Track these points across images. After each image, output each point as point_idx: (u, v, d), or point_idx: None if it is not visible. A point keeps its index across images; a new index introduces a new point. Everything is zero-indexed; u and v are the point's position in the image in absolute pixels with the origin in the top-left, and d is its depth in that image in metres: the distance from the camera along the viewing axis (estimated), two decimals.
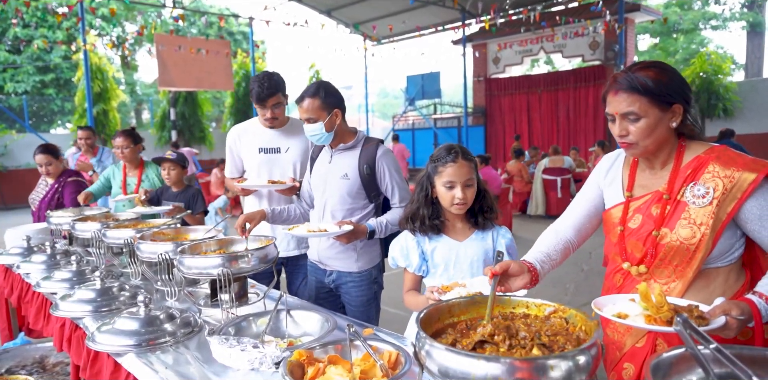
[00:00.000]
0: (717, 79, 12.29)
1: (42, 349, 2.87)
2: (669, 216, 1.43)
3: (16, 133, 13.92)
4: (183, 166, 3.50)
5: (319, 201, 2.41)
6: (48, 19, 18.44)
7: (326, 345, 1.41)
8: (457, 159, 1.79)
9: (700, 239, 1.38)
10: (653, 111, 1.38)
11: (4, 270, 3.00)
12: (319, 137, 2.30)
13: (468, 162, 1.81)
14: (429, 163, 1.86)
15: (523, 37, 14.74)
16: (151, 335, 1.63)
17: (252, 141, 2.82)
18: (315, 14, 15.68)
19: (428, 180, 1.85)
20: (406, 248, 1.89)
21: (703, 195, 1.39)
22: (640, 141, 1.42)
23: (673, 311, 1.19)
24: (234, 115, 17.14)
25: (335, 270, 2.39)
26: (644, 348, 1.50)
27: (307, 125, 2.29)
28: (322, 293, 2.48)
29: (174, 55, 12.39)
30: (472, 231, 1.90)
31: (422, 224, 1.85)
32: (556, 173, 9.28)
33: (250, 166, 2.84)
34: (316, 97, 2.25)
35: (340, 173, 2.33)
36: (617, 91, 1.42)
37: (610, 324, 1.58)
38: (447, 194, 1.80)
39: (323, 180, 2.39)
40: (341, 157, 2.37)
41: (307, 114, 2.26)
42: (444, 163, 1.79)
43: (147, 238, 2.25)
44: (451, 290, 1.57)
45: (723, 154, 1.41)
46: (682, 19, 22.01)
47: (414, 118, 18.30)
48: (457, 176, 1.78)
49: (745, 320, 1.23)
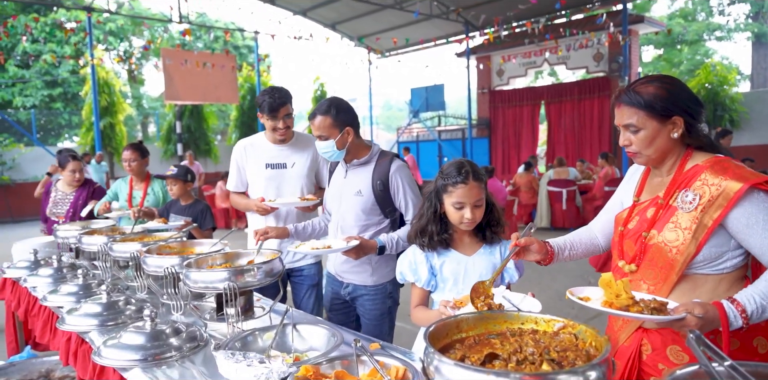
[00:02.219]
0: (722, 90, 12.27)
1: (48, 363, 2.86)
2: (659, 219, 1.52)
3: (24, 147, 14.05)
4: (185, 180, 3.50)
5: (335, 217, 2.42)
6: (56, 34, 18.71)
7: (333, 361, 1.40)
8: (467, 180, 1.77)
9: (681, 242, 1.45)
10: (651, 123, 1.49)
11: (11, 284, 3.00)
12: (331, 154, 2.31)
13: (478, 182, 1.79)
14: (438, 178, 1.84)
15: (526, 49, 14.80)
16: (157, 350, 1.63)
17: (259, 156, 2.82)
18: (320, 28, 15.83)
19: (437, 196, 1.84)
20: (415, 263, 1.88)
21: (690, 201, 1.47)
22: (642, 150, 1.53)
23: (631, 299, 1.30)
24: (239, 127, 17.26)
25: (351, 283, 2.40)
26: (630, 347, 1.58)
27: (318, 142, 2.30)
28: (336, 304, 2.49)
29: (180, 69, 12.51)
30: (479, 246, 1.89)
31: (431, 240, 1.84)
32: (561, 185, 9.25)
33: (255, 181, 2.84)
34: (328, 115, 2.25)
35: (354, 189, 2.33)
36: (620, 104, 1.55)
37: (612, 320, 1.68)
38: (456, 213, 1.79)
39: (338, 196, 2.40)
40: (355, 173, 2.37)
41: (319, 131, 2.26)
42: (454, 184, 1.78)
43: (153, 252, 2.25)
44: (465, 305, 1.55)
45: (717, 164, 1.47)
46: (687, 31, 22.06)
47: (418, 130, 18.34)
48: (466, 197, 1.76)
49: (706, 320, 1.28)
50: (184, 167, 3.57)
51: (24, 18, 16.79)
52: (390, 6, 13.05)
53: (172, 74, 12.48)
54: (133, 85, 23.33)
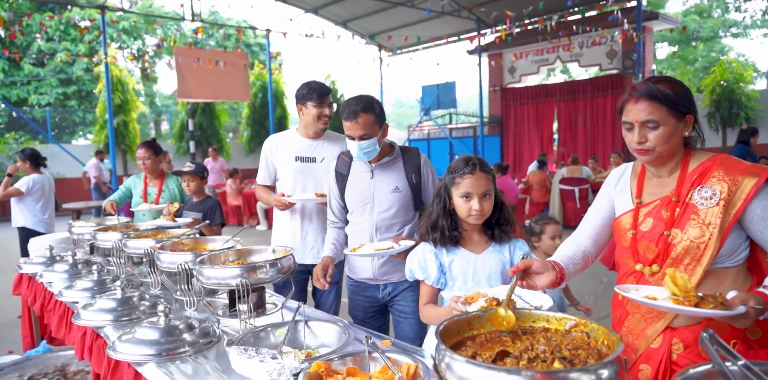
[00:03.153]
0: (738, 87, 12.09)
1: (63, 357, 2.91)
2: (679, 218, 1.51)
3: (39, 144, 14.21)
4: (202, 177, 3.56)
5: (363, 218, 2.35)
6: (71, 32, 18.90)
7: (344, 357, 1.41)
8: (474, 170, 1.79)
9: (708, 238, 1.46)
10: (671, 120, 1.48)
11: (28, 279, 3.05)
12: (371, 153, 2.24)
13: (485, 174, 1.81)
14: (446, 174, 1.87)
15: (539, 47, 14.70)
16: (170, 345, 1.65)
17: (289, 149, 2.84)
18: (331, 26, 15.84)
19: (445, 191, 1.85)
20: (424, 260, 1.88)
21: (710, 197, 1.47)
22: (657, 147, 1.50)
23: (697, 297, 1.27)
24: (251, 125, 17.35)
25: (390, 283, 2.37)
26: (660, 349, 1.54)
27: (359, 142, 2.19)
28: (370, 312, 2.45)
29: (192, 67, 12.58)
30: (489, 244, 1.90)
31: (442, 235, 1.84)
32: (573, 183, 9.19)
33: (285, 174, 2.86)
34: (372, 113, 2.19)
35: (389, 187, 2.29)
36: (638, 99, 1.50)
37: (623, 328, 1.64)
38: (464, 205, 1.79)
39: (368, 196, 2.33)
40: (385, 171, 2.32)
41: (363, 130, 2.17)
42: (461, 175, 1.79)
43: (167, 248, 2.28)
44: (476, 301, 1.55)
45: (726, 161, 1.51)
46: (702, 27, 21.80)
47: (429, 127, 18.30)
48: (474, 187, 1.78)
49: (761, 310, 1.28)
50: (201, 165, 3.61)
51: (39, 17, 16.98)
52: (401, 3, 13.03)
53: (184, 72, 12.55)
54: (146, 82, 23.52)
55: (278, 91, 17.06)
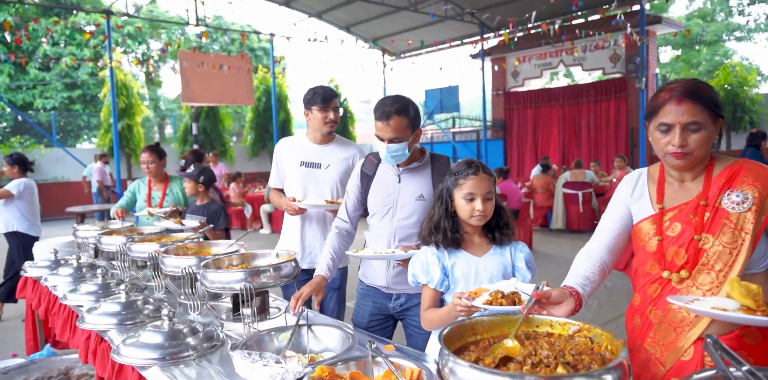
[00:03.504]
0: (742, 91, 12.08)
1: (67, 361, 2.91)
2: (709, 223, 1.47)
3: (45, 148, 14.28)
4: (197, 181, 3.50)
5: (383, 223, 2.26)
6: (76, 37, 19.01)
7: (348, 361, 1.41)
8: (477, 172, 1.80)
9: (741, 243, 1.43)
10: (710, 123, 1.45)
11: (32, 283, 3.06)
12: (400, 158, 2.16)
13: (488, 175, 1.83)
14: (448, 176, 1.88)
15: (542, 51, 14.72)
16: (174, 349, 1.65)
17: (296, 153, 2.84)
18: (335, 30, 15.90)
19: (447, 193, 1.86)
20: (427, 264, 1.88)
21: (741, 202, 1.44)
22: (696, 150, 1.46)
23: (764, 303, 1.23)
24: (254, 129, 17.41)
25: (404, 293, 2.26)
26: (692, 361, 1.48)
27: (388, 145, 2.10)
28: (376, 319, 2.33)
29: (197, 72, 12.64)
30: (490, 247, 1.90)
31: (444, 237, 1.84)
32: (577, 187, 9.18)
33: (289, 177, 2.86)
34: (405, 116, 2.09)
35: (414, 194, 2.21)
36: (681, 99, 1.44)
37: (647, 339, 1.57)
38: (467, 206, 1.80)
39: (391, 201, 2.24)
40: (412, 177, 2.24)
41: (394, 133, 2.07)
42: (465, 176, 1.81)
43: (171, 252, 2.29)
44: (480, 295, 1.51)
45: (751, 165, 1.50)
46: (705, 31, 21.77)
47: (432, 131, 18.32)
48: (477, 188, 1.79)
49: None
50: (200, 166, 3.57)
51: (45, 21, 17.09)
52: (404, 8, 13.07)
53: (188, 76, 12.62)
54: (150, 87, 23.62)
55: (282, 95, 17.13)
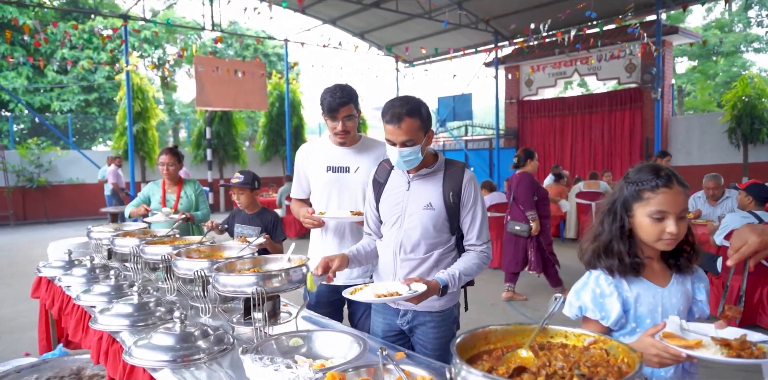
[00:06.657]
0: (760, 102, 11.92)
1: (79, 361, 2.92)
2: None
3: (61, 150, 14.46)
4: (252, 188, 3.24)
5: (391, 233, 2.10)
6: (93, 41, 19.30)
7: (359, 368, 1.40)
8: (671, 184, 1.43)
9: None
10: None
11: (46, 283, 3.09)
12: (413, 162, 2.00)
13: (684, 189, 1.46)
14: (626, 185, 1.51)
15: (556, 60, 14.69)
16: (186, 351, 1.65)
17: (321, 158, 2.58)
18: (349, 37, 16.00)
19: (623, 207, 1.50)
20: (601, 294, 1.50)
21: None
22: None
23: None
24: (267, 134, 17.54)
25: (410, 310, 2.09)
26: None
27: (400, 149, 1.95)
28: (390, 335, 2.16)
29: (211, 76, 12.78)
30: (670, 275, 1.55)
31: (620, 262, 1.48)
32: (590, 197, 9.11)
33: (316, 185, 2.61)
34: (418, 118, 1.94)
35: (423, 202, 2.03)
36: None
37: None
38: (654, 227, 1.44)
39: (399, 210, 2.08)
40: (422, 184, 2.06)
41: (407, 136, 1.92)
42: (653, 188, 1.44)
43: (183, 255, 2.30)
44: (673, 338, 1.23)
45: None
46: (722, 42, 21.60)
47: (445, 139, 18.32)
48: (671, 205, 1.43)
49: None
50: (251, 173, 3.27)
51: (63, 25, 17.39)
52: (419, 15, 13.12)
53: (203, 81, 12.75)
54: (165, 91, 23.88)
55: (295, 100, 17.24)
